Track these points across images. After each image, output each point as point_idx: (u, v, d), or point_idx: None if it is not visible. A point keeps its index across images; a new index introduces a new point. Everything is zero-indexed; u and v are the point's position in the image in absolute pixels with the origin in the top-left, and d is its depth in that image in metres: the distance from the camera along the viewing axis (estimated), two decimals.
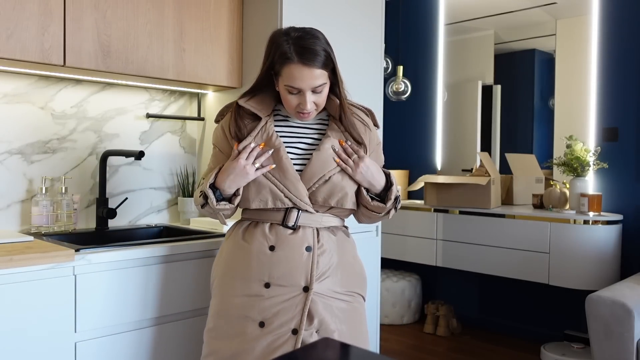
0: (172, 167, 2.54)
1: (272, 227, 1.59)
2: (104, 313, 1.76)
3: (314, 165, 1.57)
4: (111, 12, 2.02)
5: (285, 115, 1.65)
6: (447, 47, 3.91)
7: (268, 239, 1.57)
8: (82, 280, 1.71)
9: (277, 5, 2.21)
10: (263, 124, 1.59)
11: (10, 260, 1.55)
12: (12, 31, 1.80)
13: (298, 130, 1.64)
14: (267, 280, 1.55)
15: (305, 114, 1.56)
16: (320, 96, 1.55)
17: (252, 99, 1.62)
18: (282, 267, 1.54)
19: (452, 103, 3.92)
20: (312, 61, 1.49)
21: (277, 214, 1.59)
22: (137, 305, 1.83)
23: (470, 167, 3.75)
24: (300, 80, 1.50)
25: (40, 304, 1.63)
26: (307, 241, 1.57)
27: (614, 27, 3.09)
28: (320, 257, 1.57)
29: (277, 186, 1.56)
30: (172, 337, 1.93)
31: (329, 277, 1.57)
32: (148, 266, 1.85)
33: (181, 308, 1.94)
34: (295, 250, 1.55)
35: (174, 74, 2.19)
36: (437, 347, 3.38)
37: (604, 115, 3.12)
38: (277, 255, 1.55)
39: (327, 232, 1.62)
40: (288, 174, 1.56)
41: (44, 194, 2.09)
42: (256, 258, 1.56)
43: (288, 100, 1.55)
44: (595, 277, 2.81)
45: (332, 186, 1.57)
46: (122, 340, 1.80)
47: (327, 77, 1.54)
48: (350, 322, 1.60)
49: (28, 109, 2.13)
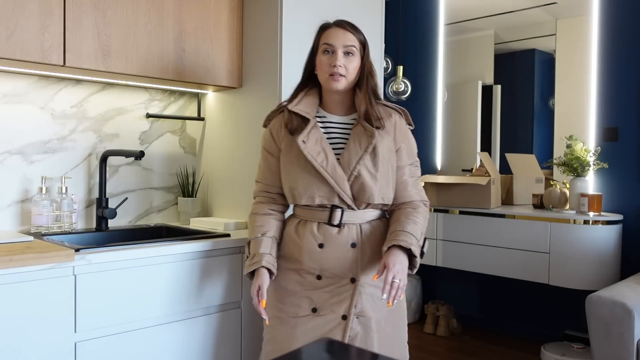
0: (172, 167, 2.54)
1: (319, 226, 1.74)
2: (104, 313, 1.76)
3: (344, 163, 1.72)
4: (111, 11, 2.02)
5: (322, 117, 1.81)
6: (447, 47, 3.91)
7: (317, 237, 1.74)
8: (82, 280, 1.70)
9: (277, 5, 2.21)
10: (312, 125, 1.74)
11: (10, 260, 1.55)
12: (12, 31, 1.80)
13: (331, 131, 1.79)
14: (318, 273, 1.74)
15: (336, 75, 1.70)
16: (350, 62, 1.72)
17: (300, 102, 1.78)
18: (331, 262, 1.72)
19: (452, 103, 3.92)
20: (348, 26, 1.75)
21: (323, 213, 1.74)
22: (137, 306, 1.83)
23: (470, 167, 3.75)
24: (335, 38, 1.73)
25: (40, 304, 1.63)
26: (352, 238, 1.73)
27: (614, 27, 3.09)
28: (363, 251, 1.74)
29: (329, 183, 1.70)
30: (172, 337, 1.93)
31: (373, 269, 1.73)
32: (148, 266, 1.85)
33: (181, 308, 1.94)
34: (341, 247, 1.72)
35: (174, 74, 2.19)
36: (437, 347, 3.38)
37: (604, 115, 3.12)
38: (325, 252, 1.73)
39: (369, 226, 1.77)
40: (336, 173, 1.70)
41: (44, 194, 2.09)
42: (307, 254, 1.74)
43: (322, 62, 1.74)
44: (595, 277, 2.80)
45: (360, 185, 1.71)
46: (122, 340, 1.80)
47: (358, 48, 1.74)
48: (389, 311, 1.74)
49: (28, 109, 2.13)
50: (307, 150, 1.70)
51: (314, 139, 1.72)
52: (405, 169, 1.80)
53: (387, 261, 1.64)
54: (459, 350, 3.32)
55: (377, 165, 1.71)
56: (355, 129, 1.74)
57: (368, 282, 1.73)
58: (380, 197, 1.73)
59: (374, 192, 1.71)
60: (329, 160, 1.70)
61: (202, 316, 2.00)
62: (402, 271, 1.65)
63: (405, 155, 1.80)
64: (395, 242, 1.66)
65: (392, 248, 1.67)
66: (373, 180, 1.71)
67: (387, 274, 1.62)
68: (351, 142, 1.73)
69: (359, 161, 1.70)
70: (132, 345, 1.83)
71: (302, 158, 1.71)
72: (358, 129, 1.73)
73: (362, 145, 1.71)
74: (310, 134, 1.72)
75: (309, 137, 1.71)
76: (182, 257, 1.94)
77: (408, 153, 1.81)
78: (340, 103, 1.79)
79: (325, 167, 1.70)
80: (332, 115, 1.80)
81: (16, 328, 1.59)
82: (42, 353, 1.64)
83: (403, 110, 1.84)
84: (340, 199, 1.71)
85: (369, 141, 1.70)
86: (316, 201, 1.72)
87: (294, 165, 1.73)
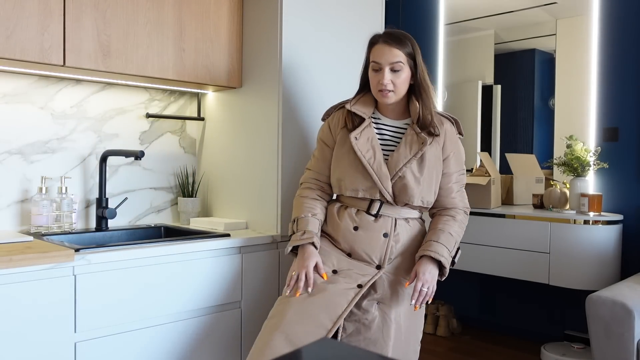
0: (172, 167, 2.54)
1: (358, 212, 1.86)
2: (104, 313, 1.76)
3: (391, 164, 1.83)
4: (111, 11, 2.02)
5: (377, 118, 1.92)
6: (447, 47, 3.91)
7: (354, 220, 1.86)
8: (81, 280, 1.70)
9: (277, 5, 2.21)
10: (366, 125, 1.87)
11: (10, 260, 1.55)
12: (12, 31, 1.80)
13: (384, 132, 1.89)
14: (349, 251, 1.86)
15: (384, 92, 1.81)
16: (398, 77, 1.81)
17: (357, 102, 1.90)
18: (362, 245, 1.83)
19: (452, 103, 3.91)
20: (393, 42, 1.80)
21: (363, 202, 1.86)
22: (137, 306, 1.83)
23: (470, 167, 3.74)
24: (381, 56, 1.80)
25: (40, 304, 1.63)
26: (385, 228, 1.84)
27: (614, 27, 3.09)
28: (394, 243, 1.84)
29: (373, 179, 1.81)
30: (172, 337, 1.93)
31: (399, 261, 1.84)
32: (148, 266, 1.85)
33: (181, 308, 1.94)
34: (374, 234, 1.83)
35: (174, 74, 2.19)
36: (437, 347, 3.37)
37: (604, 115, 3.12)
38: (359, 234, 1.84)
39: (404, 222, 1.87)
40: (381, 170, 1.81)
41: (44, 194, 2.09)
42: (342, 235, 1.86)
43: (372, 78, 1.84)
44: (596, 277, 2.80)
45: (402, 186, 1.81)
46: (122, 341, 1.80)
47: (405, 61, 1.82)
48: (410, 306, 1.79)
49: (28, 108, 2.13)
50: (357, 147, 1.83)
51: (366, 137, 1.85)
52: (452, 176, 1.91)
53: (418, 270, 1.77)
54: (459, 350, 3.31)
55: (422, 170, 1.82)
56: (408, 134, 1.85)
57: (392, 273, 1.82)
58: (420, 199, 1.85)
59: (414, 194, 1.82)
60: (376, 158, 1.82)
61: (202, 316, 2.00)
62: (432, 280, 1.77)
63: (453, 163, 1.90)
64: (427, 253, 1.78)
65: (424, 258, 1.79)
66: (416, 183, 1.82)
67: (416, 282, 1.75)
68: (402, 145, 1.84)
69: (406, 164, 1.81)
70: (132, 345, 1.83)
71: (352, 153, 1.84)
72: (411, 134, 1.85)
73: (412, 150, 1.83)
74: (363, 132, 1.85)
75: (362, 135, 1.85)
76: (182, 257, 1.94)
77: (457, 161, 1.91)
78: (394, 109, 1.91)
79: (371, 164, 1.82)
80: (386, 118, 1.92)
81: (16, 328, 1.59)
82: (42, 353, 1.64)
83: (455, 119, 1.96)
84: (381, 194, 1.82)
85: (420, 147, 1.82)
86: (360, 194, 1.85)
87: (345, 158, 1.87)
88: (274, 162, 2.24)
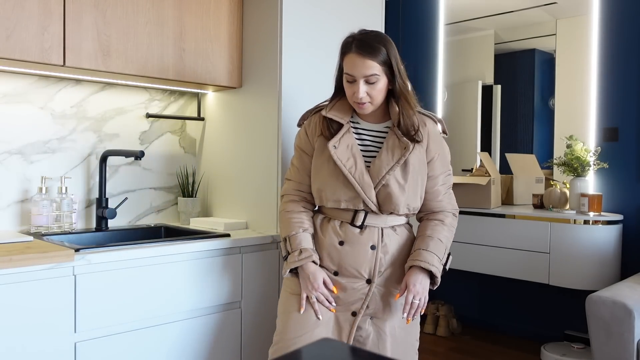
0: (172, 167, 2.54)
1: (342, 224, 1.78)
2: (104, 313, 1.76)
3: (373, 172, 1.73)
4: (111, 11, 2.01)
5: (355, 122, 1.82)
6: (447, 47, 3.91)
7: (338, 235, 1.77)
8: (81, 280, 1.70)
9: (277, 5, 2.21)
10: (345, 131, 1.76)
11: (9, 260, 1.55)
12: (12, 31, 1.80)
13: (364, 137, 1.80)
14: (335, 269, 1.77)
15: (359, 104, 1.71)
16: (374, 88, 1.69)
17: (333, 108, 1.79)
18: (350, 260, 1.75)
19: (452, 103, 3.91)
20: (367, 52, 1.66)
21: (347, 213, 1.77)
22: (137, 306, 1.83)
23: (470, 167, 3.74)
24: (354, 68, 1.68)
25: (40, 304, 1.62)
26: (372, 240, 1.75)
27: (614, 27, 3.09)
28: (382, 255, 1.76)
29: (355, 189, 1.72)
30: (172, 337, 1.92)
31: (389, 272, 1.76)
32: (148, 266, 1.85)
33: (181, 308, 1.94)
34: (361, 247, 1.75)
35: (174, 74, 2.19)
36: (437, 347, 3.37)
37: (604, 115, 3.12)
38: (345, 249, 1.75)
39: (391, 230, 1.78)
40: (363, 179, 1.72)
41: (44, 194, 2.09)
42: (327, 251, 1.77)
43: (347, 88, 1.73)
44: (596, 277, 2.80)
45: (386, 194, 1.72)
46: (122, 341, 1.80)
47: (381, 70, 1.68)
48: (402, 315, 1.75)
49: (28, 108, 2.13)
50: (337, 156, 1.72)
51: (345, 144, 1.74)
52: (438, 179, 1.81)
53: (408, 281, 1.71)
54: (459, 350, 3.31)
55: (406, 176, 1.73)
56: (388, 138, 1.75)
57: (383, 285, 1.76)
58: (405, 207, 1.75)
59: (400, 202, 1.73)
60: (358, 167, 1.72)
61: (202, 316, 2.00)
62: (423, 291, 1.71)
63: (438, 165, 1.80)
64: (417, 264, 1.71)
65: (414, 268, 1.72)
66: (401, 190, 1.72)
67: (407, 294, 1.70)
68: (383, 151, 1.74)
69: (389, 171, 1.71)
70: (132, 345, 1.83)
71: (332, 162, 1.74)
72: (392, 139, 1.74)
73: (394, 157, 1.72)
74: (342, 140, 1.75)
75: (341, 142, 1.74)
76: (182, 257, 1.94)
77: (442, 162, 1.81)
78: (373, 112, 1.79)
79: (353, 173, 1.72)
80: (365, 122, 1.81)
81: (16, 328, 1.58)
82: (42, 353, 1.63)
83: (438, 118, 1.85)
84: (365, 204, 1.73)
85: (402, 153, 1.72)
86: (342, 205, 1.75)
87: (324, 168, 1.76)
88: (274, 162, 2.24)
